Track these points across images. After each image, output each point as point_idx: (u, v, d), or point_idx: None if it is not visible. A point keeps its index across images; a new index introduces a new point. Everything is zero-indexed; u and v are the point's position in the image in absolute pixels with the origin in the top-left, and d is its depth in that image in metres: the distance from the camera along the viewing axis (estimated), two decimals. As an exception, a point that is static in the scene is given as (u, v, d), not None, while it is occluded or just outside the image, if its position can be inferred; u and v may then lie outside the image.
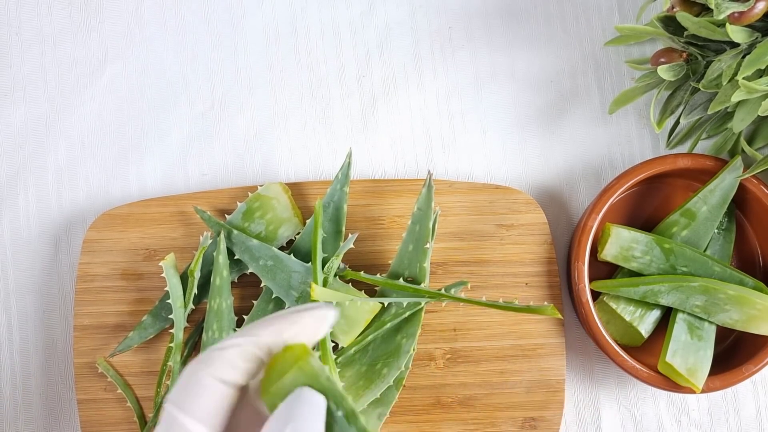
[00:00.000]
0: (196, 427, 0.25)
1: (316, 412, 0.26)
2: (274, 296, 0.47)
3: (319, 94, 0.53)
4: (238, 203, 0.49)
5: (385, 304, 0.47)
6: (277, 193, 0.49)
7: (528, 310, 0.43)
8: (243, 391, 0.27)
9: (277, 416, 0.25)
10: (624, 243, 0.48)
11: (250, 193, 0.49)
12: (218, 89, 0.53)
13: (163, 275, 0.47)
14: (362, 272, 0.47)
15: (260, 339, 0.27)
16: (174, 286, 0.46)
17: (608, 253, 0.48)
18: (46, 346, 0.51)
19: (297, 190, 0.50)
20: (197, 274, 0.47)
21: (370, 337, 0.46)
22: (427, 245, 0.46)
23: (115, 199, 0.52)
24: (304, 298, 0.46)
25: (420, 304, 0.47)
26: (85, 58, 0.54)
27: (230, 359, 0.26)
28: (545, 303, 0.49)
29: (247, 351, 0.26)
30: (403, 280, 0.47)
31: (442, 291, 0.46)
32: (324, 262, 0.46)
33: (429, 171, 0.49)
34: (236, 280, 0.49)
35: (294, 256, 0.48)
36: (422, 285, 0.47)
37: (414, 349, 0.47)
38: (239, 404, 0.27)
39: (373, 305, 0.46)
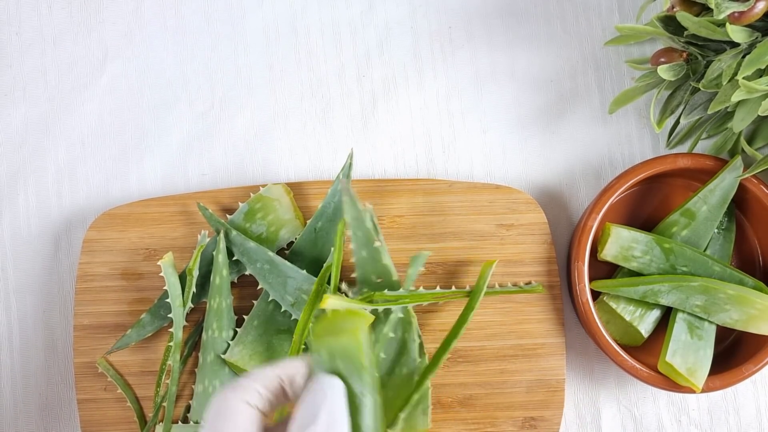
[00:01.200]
0: None
1: (338, 397, 0.28)
2: (272, 297, 0.47)
3: (319, 94, 0.53)
4: (240, 203, 0.49)
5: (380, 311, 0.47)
6: (280, 195, 0.49)
7: (521, 291, 0.44)
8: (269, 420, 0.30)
9: (300, 412, 0.28)
10: (624, 243, 0.48)
11: (252, 194, 0.49)
12: (218, 89, 0.53)
13: (161, 274, 0.47)
14: (385, 290, 0.45)
15: (283, 370, 0.29)
16: (172, 284, 0.46)
17: (608, 252, 0.48)
18: (46, 346, 0.51)
19: (297, 190, 0.50)
20: (195, 273, 0.47)
21: (382, 356, 0.46)
22: (377, 243, 0.45)
23: (115, 199, 0.52)
24: (299, 304, 0.46)
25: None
26: (85, 58, 0.54)
27: (256, 386, 0.29)
28: (533, 282, 0.49)
29: (271, 379, 0.29)
30: (374, 282, 0.46)
31: (439, 289, 0.46)
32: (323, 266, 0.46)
33: (340, 177, 0.46)
34: (236, 281, 0.49)
35: (293, 257, 0.48)
36: (420, 289, 0.46)
37: (420, 337, 0.46)
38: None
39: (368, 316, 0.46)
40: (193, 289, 0.47)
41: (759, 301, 0.45)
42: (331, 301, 0.42)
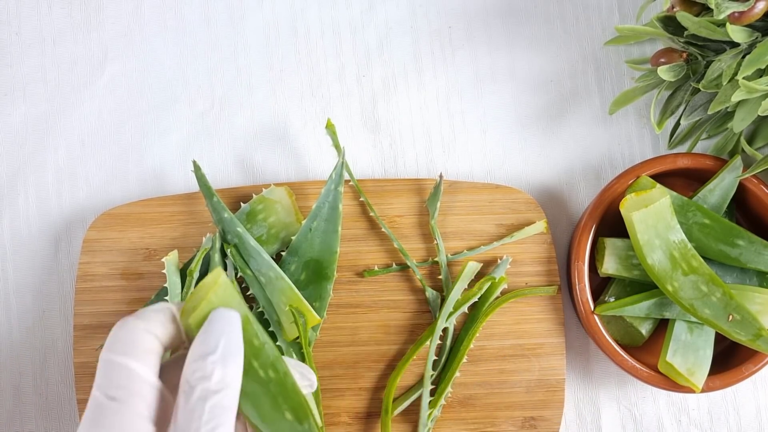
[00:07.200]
0: (136, 365, 0.27)
1: (236, 326, 0.29)
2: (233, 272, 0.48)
3: (319, 94, 0.53)
4: (242, 204, 0.49)
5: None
6: (281, 197, 0.49)
7: (532, 291, 0.46)
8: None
9: (199, 341, 0.28)
10: (621, 252, 0.47)
11: (254, 194, 0.49)
12: (218, 89, 0.53)
13: (163, 271, 0.47)
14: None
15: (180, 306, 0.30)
16: (173, 283, 0.46)
17: (609, 266, 0.47)
18: (46, 346, 0.51)
19: (297, 190, 0.50)
20: (196, 275, 0.47)
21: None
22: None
23: (115, 199, 0.52)
24: (253, 282, 0.47)
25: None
26: (85, 57, 0.54)
27: (160, 318, 0.29)
28: (546, 286, 0.50)
29: (171, 314, 0.30)
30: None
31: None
32: (319, 265, 0.46)
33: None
34: (236, 279, 0.49)
35: (289, 257, 0.48)
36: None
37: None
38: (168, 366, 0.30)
39: None
40: (192, 289, 0.46)
41: (759, 296, 0.45)
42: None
